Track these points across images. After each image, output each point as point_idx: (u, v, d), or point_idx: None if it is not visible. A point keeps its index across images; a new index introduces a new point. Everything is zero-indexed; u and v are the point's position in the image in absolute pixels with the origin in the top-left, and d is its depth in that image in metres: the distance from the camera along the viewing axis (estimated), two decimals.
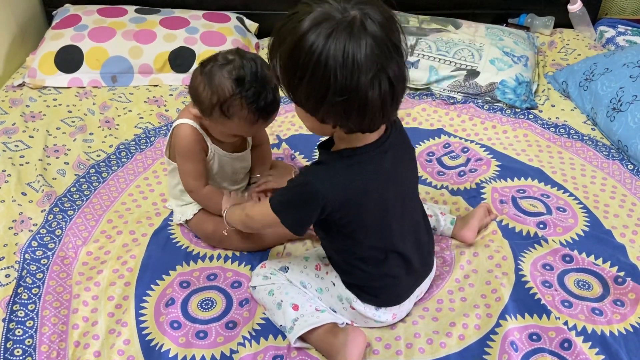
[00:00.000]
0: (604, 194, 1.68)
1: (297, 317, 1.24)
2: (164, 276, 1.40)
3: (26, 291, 1.36)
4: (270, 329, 1.29)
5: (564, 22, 2.52)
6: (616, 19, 2.57)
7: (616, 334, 1.27)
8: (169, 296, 1.35)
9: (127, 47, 2.15)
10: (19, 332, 1.27)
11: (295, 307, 1.25)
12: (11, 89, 2.11)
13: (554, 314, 1.29)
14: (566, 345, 1.23)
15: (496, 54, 2.16)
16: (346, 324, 1.28)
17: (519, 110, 2.05)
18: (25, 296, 1.35)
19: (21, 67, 2.25)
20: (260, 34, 2.46)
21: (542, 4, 2.50)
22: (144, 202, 1.64)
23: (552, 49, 2.43)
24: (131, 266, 1.42)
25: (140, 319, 1.31)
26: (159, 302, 1.34)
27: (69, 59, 2.13)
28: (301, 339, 1.24)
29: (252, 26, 2.45)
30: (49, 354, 1.23)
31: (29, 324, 1.29)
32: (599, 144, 1.89)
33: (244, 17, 2.44)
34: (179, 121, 1.41)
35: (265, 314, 1.32)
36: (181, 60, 2.16)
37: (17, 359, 1.22)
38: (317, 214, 1.12)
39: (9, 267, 1.41)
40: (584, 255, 1.45)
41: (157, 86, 2.16)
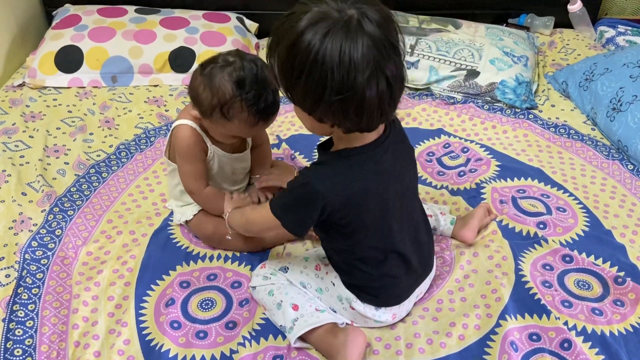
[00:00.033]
0: (604, 194, 1.68)
1: (297, 317, 1.24)
2: (164, 276, 1.41)
3: (26, 291, 1.36)
4: (270, 329, 1.29)
5: (564, 22, 2.52)
6: (616, 19, 2.57)
7: (616, 334, 1.27)
8: (169, 296, 1.35)
9: (127, 47, 2.15)
10: (19, 332, 1.27)
11: (295, 307, 1.25)
12: (11, 89, 2.11)
13: (554, 314, 1.29)
14: (566, 345, 1.23)
15: (496, 54, 2.16)
16: (346, 324, 1.28)
17: (519, 110, 2.05)
18: (25, 296, 1.35)
19: (21, 67, 2.25)
20: (260, 34, 2.46)
21: (542, 4, 2.50)
22: (144, 202, 1.64)
23: (552, 49, 2.43)
24: (131, 266, 1.42)
25: (140, 319, 1.31)
26: (159, 302, 1.34)
27: (69, 59, 2.13)
28: (301, 339, 1.24)
29: (252, 26, 2.45)
30: (49, 354, 1.23)
31: (29, 324, 1.29)
32: (599, 144, 1.89)
33: (244, 17, 2.44)
34: (178, 122, 1.41)
35: (265, 314, 1.32)
36: (181, 60, 2.16)
37: (17, 359, 1.23)
38: (317, 214, 1.12)
39: (9, 267, 1.41)
40: (584, 255, 1.45)
41: (157, 86, 2.16)
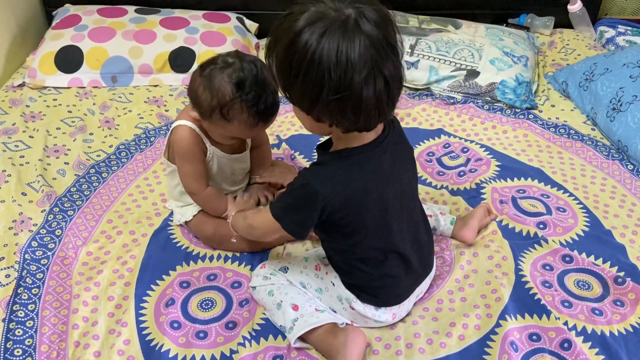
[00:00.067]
0: (604, 194, 1.68)
1: (297, 318, 1.24)
2: (164, 276, 1.41)
3: (26, 291, 1.36)
4: (270, 329, 1.29)
5: (564, 22, 2.52)
6: (616, 19, 2.57)
7: (616, 334, 1.27)
8: (169, 296, 1.35)
9: (127, 47, 2.15)
10: (19, 332, 1.27)
11: (295, 307, 1.25)
12: (11, 89, 2.11)
13: (553, 314, 1.29)
14: (566, 345, 1.23)
15: (496, 54, 2.16)
16: (346, 324, 1.28)
17: (519, 110, 2.05)
18: (25, 296, 1.35)
19: (21, 67, 2.25)
20: (260, 34, 2.46)
21: (542, 4, 2.50)
22: (144, 202, 1.64)
23: (552, 49, 2.43)
24: (131, 266, 1.42)
25: (140, 319, 1.31)
26: (159, 302, 1.34)
27: (69, 59, 2.13)
28: (301, 339, 1.24)
29: (252, 26, 2.45)
30: (49, 354, 1.23)
31: (29, 324, 1.29)
32: (598, 144, 1.89)
33: (244, 17, 2.44)
34: (177, 123, 1.41)
35: (265, 314, 1.32)
36: (181, 60, 2.16)
37: (17, 359, 1.23)
38: (317, 215, 1.12)
39: (9, 267, 1.41)
40: (583, 255, 1.45)
41: (157, 86, 2.16)
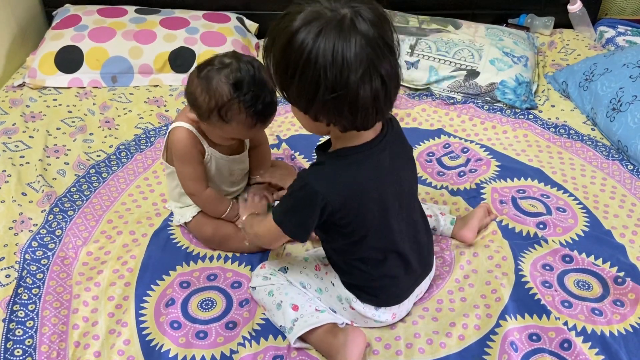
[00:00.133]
0: (604, 194, 1.68)
1: (297, 318, 1.24)
2: (164, 276, 1.41)
3: (26, 291, 1.36)
4: (270, 329, 1.29)
5: (563, 22, 2.52)
6: (616, 19, 2.57)
7: (616, 334, 1.27)
8: (169, 296, 1.35)
9: (127, 48, 2.15)
10: (19, 332, 1.27)
11: (295, 307, 1.26)
12: (11, 89, 2.11)
13: (553, 314, 1.29)
14: (566, 345, 1.23)
15: (496, 54, 2.16)
16: (346, 324, 1.28)
17: (519, 110, 2.05)
18: (25, 296, 1.35)
19: (21, 67, 2.25)
20: (260, 34, 2.46)
21: (542, 4, 2.50)
22: (144, 202, 1.64)
23: (552, 49, 2.43)
24: (131, 266, 1.43)
25: (140, 319, 1.31)
26: (159, 302, 1.34)
27: (69, 59, 2.13)
28: (301, 339, 1.24)
29: (252, 26, 2.45)
30: (49, 354, 1.23)
31: (29, 324, 1.29)
32: (598, 144, 1.89)
33: (244, 18, 2.44)
34: (175, 124, 1.41)
35: (265, 315, 1.32)
36: (181, 60, 2.16)
37: (17, 359, 1.23)
38: (317, 215, 1.12)
39: (9, 268, 1.41)
40: (583, 255, 1.45)
41: (157, 86, 2.16)
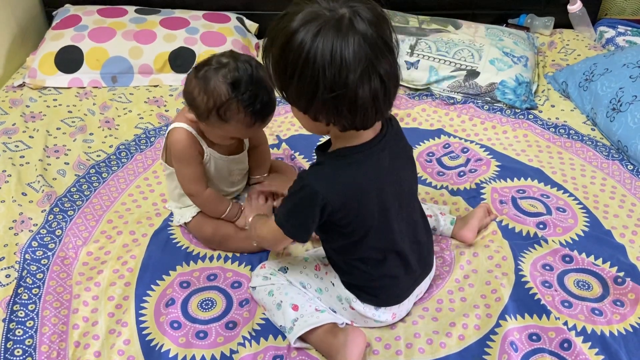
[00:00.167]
0: (604, 194, 1.68)
1: (297, 318, 1.24)
2: (164, 276, 1.41)
3: (26, 291, 1.36)
4: (270, 329, 1.29)
5: (563, 22, 2.52)
6: (616, 19, 2.57)
7: (616, 334, 1.27)
8: (169, 296, 1.35)
9: (127, 48, 2.15)
10: (19, 332, 1.27)
11: (295, 307, 1.26)
12: (11, 89, 2.11)
13: (553, 314, 1.29)
14: (566, 345, 1.23)
15: (496, 54, 2.16)
16: (346, 324, 1.28)
17: (519, 110, 2.05)
18: (25, 296, 1.35)
19: (21, 68, 2.25)
20: (260, 34, 2.46)
21: (542, 4, 2.50)
22: (144, 202, 1.64)
23: (552, 50, 2.43)
24: (131, 266, 1.43)
25: (140, 319, 1.31)
26: (159, 302, 1.34)
27: (69, 59, 2.13)
28: (301, 339, 1.24)
29: (252, 26, 2.45)
30: (49, 354, 1.23)
31: (29, 324, 1.29)
32: (598, 144, 1.89)
33: (244, 18, 2.44)
34: (173, 125, 1.40)
35: (265, 314, 1.32)
36: (181, 60, 2.16)
37: (18, 359, 1.23)
38: (318, 216, 1.12)
39: (9, 267, 1.41)
40: (583, 255, 1.45)
41: (157, 86, 2.16)
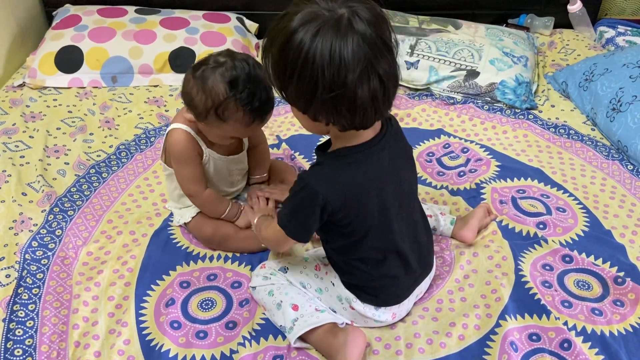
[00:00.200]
0: (604, 194, 1.68)
1: (297, 317, 1.24)
2: (164, 276, 1.41)
3: (26, 291, 1.36)
4: (270, 329, 1.29)
5: (563, 22, 2.52)
6: (616, 19, 2.57)
7: (616, 334, 1.27)
8: (169, 296, 1.35)
9: (127, 48, 2.15)
10: (19, 332, 1.27)
11: (295, 307, 1.26)
12: (11, 89, 2.11)
13: (553, 314, 1.29)
14: (566, 345, 1.23)
15: (496, 54, 2.16)
16: (346, 324, 1.28)
17: (519, 110, 2.05)
18: (25, 296, 1.35)
19: (21, 68, 2.25)
20: (260, 34, 2.46)
21: (542, 4, 2.50)
22: (144, 202, 1.64)
23: (552, 50, 2.43)
24: (131, 266, 1.43)
25: (140, 319, 1.31)
26: (159, 302, 1.34)
27: (69, 59, 2.13)
28: (301, 339, 1.24)
29: (252, 26, 2.45)
30: (49, 354, 1.23)
31: (29, 324, 1.29)
32: (598, 144, 1.89)
33: (244, 18, 2.44)
34: (172, 126, 1.40)
35: (265, 314, 1.32)
36: (181, 60, 2.16)
37: (18, 359, 1.23)
38: (319, 216, 1.12)
39: (9, 267, 1.41)
40: (583, 255, 1.45)
41: (157, 86, 2.16)
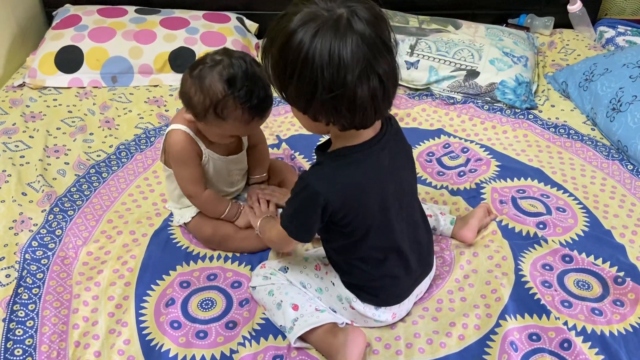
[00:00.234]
0: (604, 194, 1.68)
1: (297, 317, 1.24)
2: (164, 276, 1.41)
3: (26, 291, 1.36)
4: (270, 329, 1.29)
5: (563, 22, 2.52)
6: (616, 19, 2.57)
7: (616, 334, 1.27)
8: (169, 296, 1.35)
9: (127, 48, 2.15)
10: (19, 332, 1.27)
11: (295, 307, 1.26)
12: (11, 89, 2.11)
13: (553, 314, 1.29)
14: (566, 345, 1.23)
15: (496, 54, 2.16)
16: (346, 324, 1.28)
17: (519, 110, 2.05)
18: (25, 296, 1.35)
19: (21, 67, 2.25)
20: (260, 34, 2.46)
21: (542, 4, 2.50)
22: (144, 202, 1.64)
23: (552, 50, 2.43)
24: (131, 266, 1.43)
25: (140, 319, 1.31)
26: (159, 302, 1.34)
27: (69, 59, 2.13)
28: (301, 339, 1.24)
29: (252, 26, 2.45)
30: (49, 354, 1.23)
31: (29, 324, 1.29)
32: (598, 144, 1.89)
33: (244, 18, 2.44)
34: (171, 127, 1.40)
35: (265, 314, 1.32)
36: (181, 60, 2.16)
37: (18, 358, 1.23)
38: (320, 216, 1.12)
39: (9, 267, 1.41)
40: (583, 255, 1.45)
41: (157, 86, 2.16)
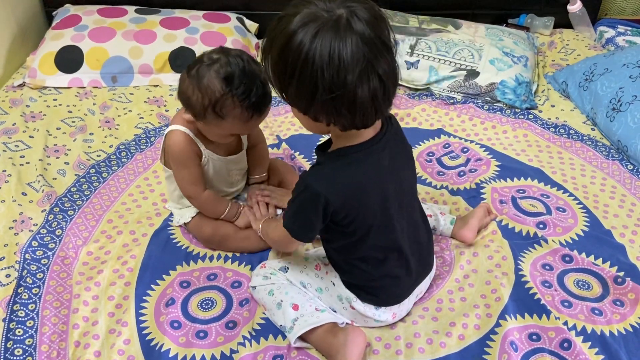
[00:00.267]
0: (604, 194, 1.68)
1: (297, 317, 1.24)
2: (164, 276, 1.41)
3: (26, 291, 1.36)
4: (270, 328, 1.29)
5: (563, 22, 2.52)
6: (616, 19, 2.57)
7: (616, 334, 1.27)
8: (169, 296, 1.35)
9: (127, 47, 2.15)
10: (19, 331, 1.27)
11: (295, 307, 1.26)
12: (11, 89, 2.11)
13: (553, 314, 1.29)
14: (566, 345, 1.23)
15: (496, 54, 2.16)
16: (346, 324, 1.28)
17: (519, 110, 2.05)
18: (25, 296, 1.35)
19: (21, 67, 2.25)
20: (260, 34, 2.46)
21: (542, 4, 2.50)
22: (144, 202, 1.64)
23: (552, 49, 2.43)
24: (131, 266, 1.43)
25: (140, 318, 1.31)
26: (159, 302, 1.34)
27: (69, 59, 2.13)
28: (301, 338, 1.24)
29: (252, 26, 2.45)
30: (49, 354, 1.23)
31: (29, 323, 1.29)
32: (598, 144, 1.89)
33: (244, 18, 2.44)
34: (171, 128, 1.40)
35: (265, 314, 1.32)
36: (181, 60, 2.16)
37: (18, 358, 1.23)
38: (321, 216, 1.12)
39: (9, 267, 1.41)
40: (583, 255, 1.45)
41: (157, 86, 2.16)
